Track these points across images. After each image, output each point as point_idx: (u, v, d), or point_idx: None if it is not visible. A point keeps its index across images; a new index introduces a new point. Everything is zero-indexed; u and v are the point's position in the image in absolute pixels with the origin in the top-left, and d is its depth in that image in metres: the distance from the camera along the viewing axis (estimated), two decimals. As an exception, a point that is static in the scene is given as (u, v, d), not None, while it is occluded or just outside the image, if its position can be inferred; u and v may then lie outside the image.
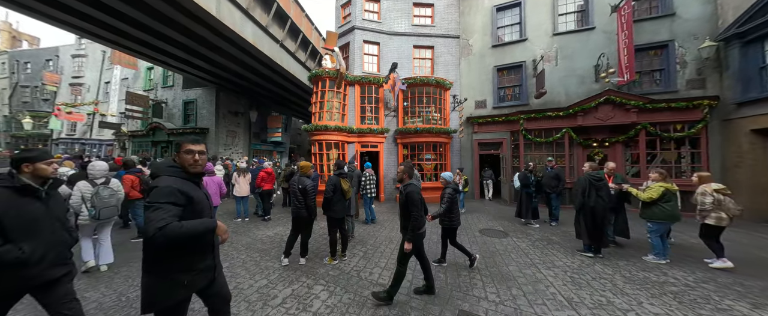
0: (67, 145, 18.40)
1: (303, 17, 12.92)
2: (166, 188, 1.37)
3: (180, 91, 15.87)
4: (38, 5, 7.84)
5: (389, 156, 9.35)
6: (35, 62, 20.16)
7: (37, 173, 1.63)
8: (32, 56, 20.36)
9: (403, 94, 9.24)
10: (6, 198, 1.49)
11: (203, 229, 1.38)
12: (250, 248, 4.41)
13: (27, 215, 1.53)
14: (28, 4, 7.83)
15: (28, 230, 1.52)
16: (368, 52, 9.89)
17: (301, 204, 3.66)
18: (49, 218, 1.64)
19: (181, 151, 1.53)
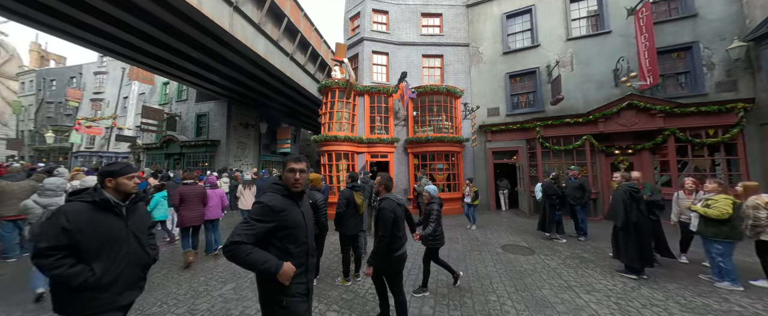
0: (85, 158, 19.01)
1: (312, 31, 13.20)
2: (261, 206, 1.42)
3: (193, 104, 16.30)
4: (64, 25, 8.24)
5: (400, 166, 9.13)
6: (60, 80, 21.29)
7: (120, 188, 1.55)
8: (58, 74, 21.53)
9: (412, 103, 9.11)
10: (83, 214, 1.39)
11: (262, 269, 1.33)
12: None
13: (103, 232, 1.44)
14: (55, 25, 8.24)
15: (103, 250, 1.43)
16: (377, 62, 9.90)
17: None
18: (127, 236, 1.55)
19: (285, 169, 1.56)
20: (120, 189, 1.56)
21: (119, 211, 1.54)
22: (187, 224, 4.13)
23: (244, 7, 8.83)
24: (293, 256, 1.46)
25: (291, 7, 11.03)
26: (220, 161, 14.93)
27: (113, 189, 1.54)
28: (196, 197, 4.21)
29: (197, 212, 4.22)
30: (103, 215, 1.46)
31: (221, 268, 4.05)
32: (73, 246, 1.34)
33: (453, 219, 7.35)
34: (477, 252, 4.74)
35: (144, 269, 1.64)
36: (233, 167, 14.68)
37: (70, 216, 1.34)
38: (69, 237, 1.32)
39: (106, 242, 1.44)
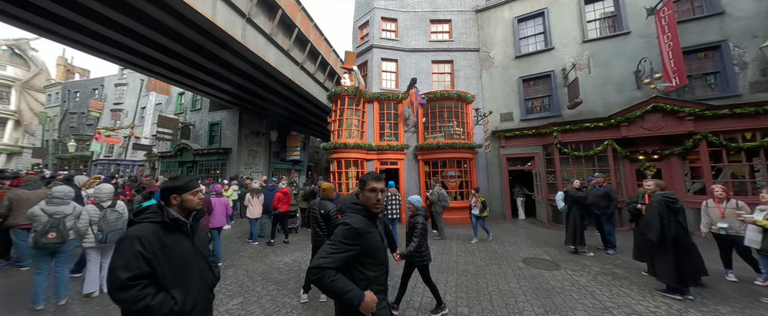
0: (104, 166, 19.69)
1: (322, 40, 13.40)
2: (348, 229, 1.35)
3: (207, 113, 16.71)
4: (89, 40, 8.63)
5: (410, 173, 8.92)
6: (83, 91, 22.41)
7: (185, 204, 1.44)
8: (81, 86, 22.69)
9: (422, 109, 8.97)
10: (155, 236, 1.28)
11: (345, 299, 1.26)
12: (267, 278, 4.03)
13: (176, 255, 1.33)
14: (81, 39, 8.65)
15: (180, 274, 1.31)
16: (386, 69, 9.87)
17: (322, 231, 3.29)
18: (196, 256, 1.44)
19: (366, 188, 1.48)
20: (185, 206, 1.45)
21: (186, 230, 1.42)
22: None
23: (256, 19, 9.04)
24: (372, 281, 1.40)
25: (301, 17, 11.25)
26: (232, 168, 15.11)
27: (178, 207, 1.43)
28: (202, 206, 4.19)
29: (203, 220, 4.20)
30: (172, 236, 1.35)
31: (229, 280, 3.92)
32: (151, 274, 1.23)
33: (467, 229, 7.03)
34: (496, 266, 4.43)
35: (212, 290, 1.52)
36: (244, 174, 14.82)
37: (143, 241, 1.22)
38: (147, 264, 1.21)
39: (181, 266, 1.33)
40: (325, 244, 1.34)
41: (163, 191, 1.45)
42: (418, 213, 2.94)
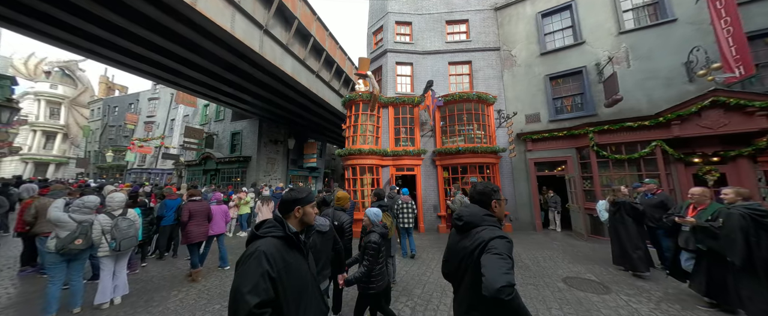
0: (137, 175, 21.03)
1: (337, 48, 13.51)
2: (509, 243, 1.28)
3: (229, 123, 17.38)
4: (125, 58, 9.27)
5: (428, 180, 8.45)
6: (121, 106, 24.37)
7: (305, 218, 1.32)
8: (120, 101, 24.71)
9: (439, 113, 8.55)
10: (279, 253, 1.14)
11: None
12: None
13: (296, 278, 1.17)
14: (117, 58, 9.31)
15: (301, 296, 1.17)
16: (401, 73, 9.62)
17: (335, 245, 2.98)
18: (312, 277, 1.29)
19: (502, 200, 1.49)
20: (304, 220, 1.31)
21: (303, 247, 1.28)
22: (195, 239, 4.16)
23: (273, 30, 9.22)
24: None
25: (317, 27, 11.40)
26: (251, 176, 15.46)
27: (299, 220, 1.29)
28: (202, 213, 4.28)
29: (203, 227, 4.28)
30: (292, 254, 1.20)
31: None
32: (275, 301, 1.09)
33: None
34: (532, 286, 3.86)
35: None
36: (263, 181, 15.08)
37: (270, 258, 1.09)
38: (273, 287, 1.09)
39: (300, 292, 1.17)
40: (498, 258, 1.18)
41: (285, 203, 1.30)
42: (374, 230, 2.45)
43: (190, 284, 4.12)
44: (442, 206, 7.79)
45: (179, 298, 3.66)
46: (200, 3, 6.62)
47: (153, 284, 4.11)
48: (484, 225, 1.35)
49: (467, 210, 1.46)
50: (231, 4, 7.58)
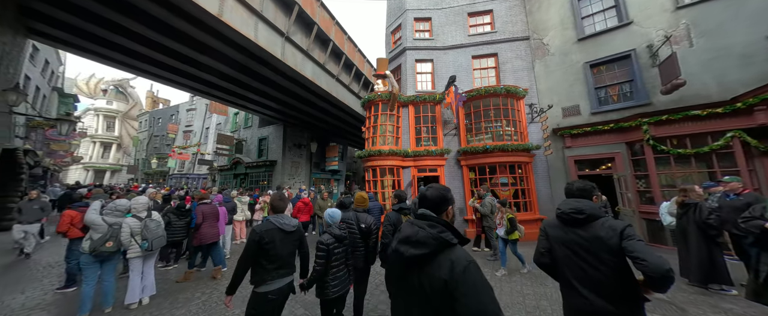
0: (177, 179, 22.85)
1: (355, 52, 13.56)
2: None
3: (256, 129, 18.22)
4: (165, 73, 10.13)
5: (452, 181, 7.95)
6: (164, 117, 26.82)
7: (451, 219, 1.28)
8: (163, 113, 27.22)
9: (463, 110, 8.05)
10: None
11: None
12: (297, 298, 3.61)
13: None
14: (158, 73, 10.18)
15: None
16: (421, 70, 9.27)
17: (359, 250, 2.75)
18: None
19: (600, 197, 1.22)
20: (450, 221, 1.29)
21: None
22: (206, 240, 4.31)
23: (294, 37, 9.45)
24: None
25: (336, 31, 11.52)
26: (277, 179, 15.98)
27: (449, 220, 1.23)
28: (213, 215, 4.45)
29: (215, 228, 4.44)
30: None
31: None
32: None
33: (527, 247, 5.75)
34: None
35: None
36: (287, 184, 15.50)
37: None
38: None
39: None
40: (644, 244, 1.33)
41: (442, 202, 1.20)
42: (328, 231, 2.34)
43: (213, 286, 4.12)
44: (469, 210, 7.25)
45: (202, 300, 3.65)
46: (226, 14, 6.92)
47: (179, 285, 4.18)
48: (603, 216, 1.47)
49: (585, 204, 1.53)
50: (254, 13, 7.85)
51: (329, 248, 2.22)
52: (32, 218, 5.37)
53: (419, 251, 1.01)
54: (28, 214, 5.32)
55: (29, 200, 5.47)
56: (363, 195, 2.98)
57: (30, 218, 5.34)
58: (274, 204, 2.18)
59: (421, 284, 0.99)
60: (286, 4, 8.84)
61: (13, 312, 3.33)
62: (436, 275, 0.96)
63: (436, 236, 1.01)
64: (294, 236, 2.16)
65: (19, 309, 3.40)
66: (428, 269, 0.98)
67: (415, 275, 1.02)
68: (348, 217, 2.83)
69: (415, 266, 1.04)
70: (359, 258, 2.75)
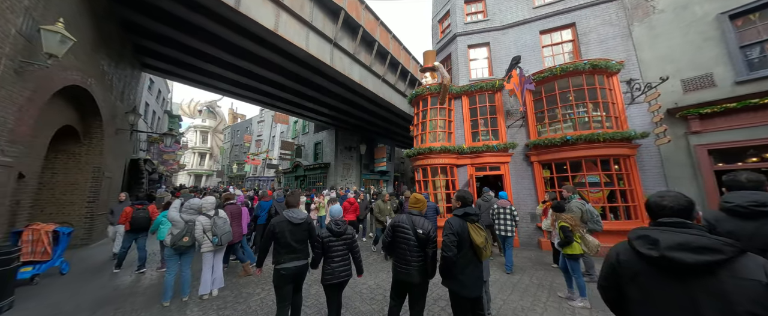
0: (252, 182, 26.52)
1: (400, 50, 13.25)
2: None
3: (312, 135, 19.69)
4: (238, 90, 11.78)
5: (520, 181, 6.72)
6: (241, 130, 31.63)
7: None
8: (240, 126, 32.15)
9: (531, 96, 6.75)
10: None
11: None
12: (349, 306, 3.34)
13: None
14: (235, 91, 11.89)
15: None
16: (475, 57, 8.27)
17: (415, 260, 2.29)
18: None
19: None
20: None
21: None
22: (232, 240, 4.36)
23: (341, 42, 9.69)
24: None
25: (381, 31, 11.43)
26: (330, 180, 16.86)
27: None
28: (238, 215, 4.59)
29: (239, 228, 4.57)
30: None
31: (310, 300, 3.49)
32: None
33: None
34: None
35: None
36: (340, 185, 16.16)
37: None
38: None
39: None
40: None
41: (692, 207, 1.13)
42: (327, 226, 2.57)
43: (271, 285, 4.24)
44: (546, 213, 5.95)
45: (260, 297, 3.72)
46: (281, 28, 7.46)
47: (245, 279, 4.42)
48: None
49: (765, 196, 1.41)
50: (305, 24, 8.29)
51: (323, 240, 2.48)
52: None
53: (713, 258, 0.93)
54: (118, 215, 5.15)
55: (119, 202, 5.48)
56: (418, 197, 2.50)
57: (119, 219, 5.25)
58: (288, 200, 2.70)
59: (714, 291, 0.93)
60: (333, 11, 9.11)
61: (117, 289, 3.97)
62: (747, 279, 0.90)
63: (729, 242, 0.95)
64: (302, 227, 2.58)
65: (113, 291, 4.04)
66: (725, 275, 0.92)
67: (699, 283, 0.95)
68: (401, 220, 2.38)
69: (695, 273, 0.96)
70: (414, 271, 2.27)
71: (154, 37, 7.70)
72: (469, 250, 2.20)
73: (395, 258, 2.40)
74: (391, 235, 2.40)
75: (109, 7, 6.24)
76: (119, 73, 7.48)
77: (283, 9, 7.47)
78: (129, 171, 10.05)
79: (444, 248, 2.14)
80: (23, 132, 3.77)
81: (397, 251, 2.36)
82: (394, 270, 2.39)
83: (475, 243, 2.17)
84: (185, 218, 3.62)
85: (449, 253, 2.11)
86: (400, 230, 2.35)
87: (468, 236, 2.20)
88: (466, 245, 2.19)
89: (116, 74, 7.24)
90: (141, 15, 6.63)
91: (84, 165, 6.16)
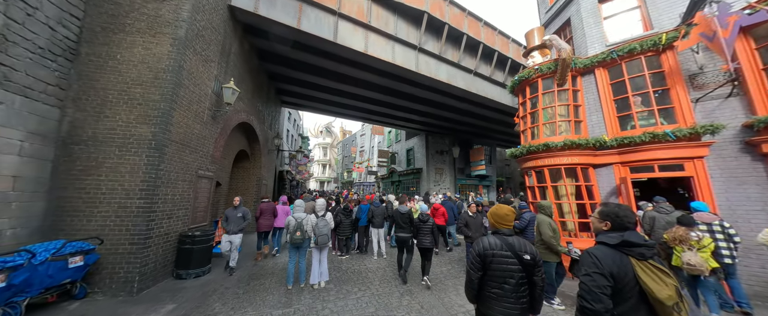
0: (358, 187, 30.33)
1: (495, 35, 11.57)
2: None
3: (404, 142, 20.35)
4: (343, 110, 13.83)
5: (735, 186, 3.98)
6: (348, 143, 37.14)
7: None
8: (348, 141, 37.84)
9: (749, 43, 3.94)
10: None
11: None
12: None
13: None
14: (342, 112, 14.09)
15: None
16: (612, 12, 5.87)
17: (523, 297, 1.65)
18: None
19: None
20: None
21: None
22: (262, 229, 5.85)
23: (426, 46, 9.49)
24: None
25: (469, 22, 10.41)
26: (424, 185, 16.64)
27: None
28: (269, 211, 5.89)
29: (270, 221, 5.89)
30: None
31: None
32: None
33: None
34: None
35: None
36: (433, 190, 15.64)
37: None
38: None
39: None
40: None
41: None
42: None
43: (368, 284, 4.35)
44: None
45: (357, 297, 3.84)
46: (370, 49, 8.11)
47: (347, 275, 4.78)
48: None
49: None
50: (390, 39, 8.66)
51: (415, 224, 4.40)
52: (235, 227, 4.75)
53: None
54: (232, 223, 4.75)
55: (234, 208, 4.89)
56: (500, 211, 1.77)
57: (233, 227, 4.74)
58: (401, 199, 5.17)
59: None
60: (415, 17, 9.07)
61: (250, 274, 5.10)
62: None
63: None
64: (406, 215, 4.69)
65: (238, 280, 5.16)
66: None
67: None
68: (493, 245, 1.69)
69: None
70: (511, 311, 1.64)
71: (286, 79, 10.21)
72: (639, 306, 1.27)
73: (488, 297, 1.70)
74: (481, 268, 1.70)
75: (260, 65, 8.76)
76: (268, 110, 10.33)
77: (371, 30, 8.11)
78: (277, 180, 13.75)
79: (586, 296, 1.31)
80: (217, 156, 5.73)
81: (493, 288, 1.68)
82: (488, 312, 1.69)
83: (652, 297, 1.22)
84: (297, 217, 4.26)
85: (597, 306, 1.27)
86: (497, 261, 1.67)
87: (635, 281, 1.27)
88: (633, 297, 1.27)
89: (267, 111, 10.03)
90: (278, 65, 8.93)
91: (251, 176, 8.80)
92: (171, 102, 4.18)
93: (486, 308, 1.70)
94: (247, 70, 7.47)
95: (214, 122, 5.51)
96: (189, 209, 4.82)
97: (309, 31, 6.85)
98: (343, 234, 5.87)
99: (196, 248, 4.50)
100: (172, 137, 4.30)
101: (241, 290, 4.12)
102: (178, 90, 4.34)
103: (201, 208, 5.26)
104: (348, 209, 5.92)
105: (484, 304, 1.72)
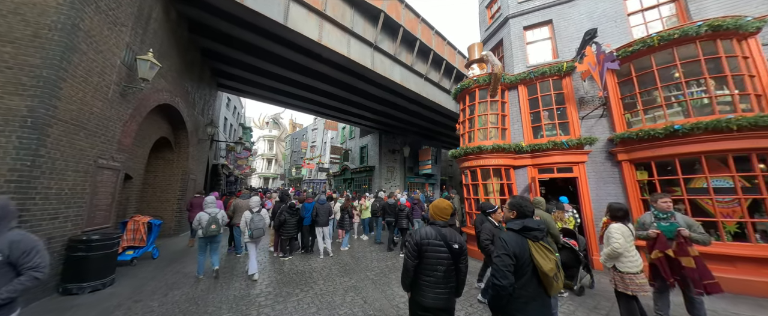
0: (307, 184, 28.98)
1: (444, 45, 12.56)
2: None
3: (358, 139, 20.35)
4: (295, 101, 12.90)
5: (602, 185, 5.35)
6: (298, 137, 35.09)
7: None
8: (298, 135, 35.70)
9: (614, 77, 5.35)
10: None
11: None
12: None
13: None
14: (292, 103, 13.12)
15: None
16: (533, 39, 7.10)
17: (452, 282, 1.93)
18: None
19: None
20: None
21: None
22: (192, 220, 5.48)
23: (381, 45, 9.66)
24: None
25: (422, 29, 11.03)
26: (376, 183, 17.01)
27: None
28: (199, 206, 5.63)
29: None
30: None
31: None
32: None
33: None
34: None
35: None
36: (385, 188, 16.14)
37: None
38: None
39: None
40: None
41: None
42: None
43: (310, 286, 4.27)
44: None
45: (298, 298, 3.74)
46: (324, 38, 7.81)
47: (288, 277, 4.57)
48: None
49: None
50: (346, 31, 8.53)
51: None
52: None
53: None
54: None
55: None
56: (440, 204, 2.01)
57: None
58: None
59: None
60: (373, 15, 9.14)
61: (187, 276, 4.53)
62: None
63: None
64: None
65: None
66: None
67: None
68: (429, 234, 1.92)
69: None
70: (449, 294, 1.89)
71: (224, 59, 9.04)
72: (532, 279, 1.65)
73: (421, 285, 1.91)
74: (418, 256, 1.90)
75: (191, 39, 7.55)
76: (200, 93, 8.98)
77: (326, 20, 7.82)
78: (211, 174, 12.08)
79: (495, 273, 1.64)
80: (127, 142, 4.73)
81: (426, 274, 1.89)
82: (421, 299, 1.90)
83: (540, 270, 1.61)
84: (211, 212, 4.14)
85: (504, 281, 1.60)
86: (431, 249, 1.89)
87: (530, 259, 1.65)
88: (528, 272, 1.65)
89: (198, 94, 8.70)
90: (214, 42, 7.83)
91: (175, 169, 7.52)
92: (59, 69, 3.28)
93: (419, 296, 1.90)
94: (174, 44, 6.32)
95: (123, 101, 4.52)
96: (84, 207, 3.88)
97: (254, 8, 6.02)
98: (287, 234, 5.56)
99: (92, 255, 3.64)
100: (60, 115, 3.38)
101: (155, 302, 3.52)
102: (71, 55, 3.42)
103: (102, 206, 4.27)
104: (294, 207, 5.67)
105: (418, 292, 1.91)
